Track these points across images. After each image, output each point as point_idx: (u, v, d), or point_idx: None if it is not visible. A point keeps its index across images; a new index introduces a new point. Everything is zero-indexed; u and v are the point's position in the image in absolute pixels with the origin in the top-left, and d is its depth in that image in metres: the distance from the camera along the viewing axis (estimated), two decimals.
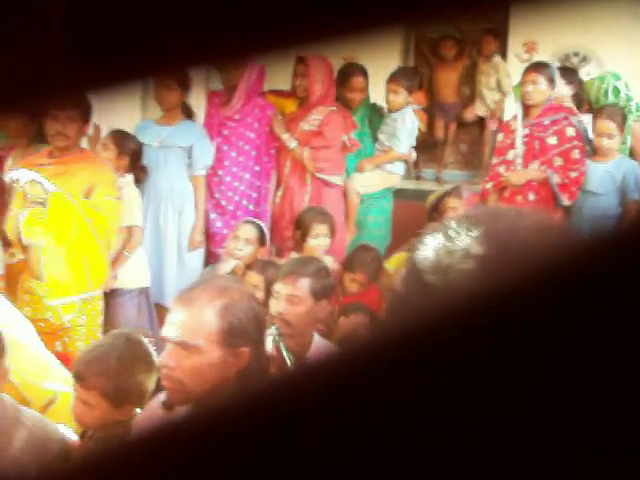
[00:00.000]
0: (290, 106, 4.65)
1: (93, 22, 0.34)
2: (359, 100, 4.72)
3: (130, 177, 3.98)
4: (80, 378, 2.03)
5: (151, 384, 2.08)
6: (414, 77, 4.96)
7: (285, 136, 4.50)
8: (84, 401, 2.02)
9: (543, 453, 0.37)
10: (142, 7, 0.34)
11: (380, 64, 4.96)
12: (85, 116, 3.61)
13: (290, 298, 2.62)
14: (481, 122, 6.61)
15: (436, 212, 4.15)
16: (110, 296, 3.84)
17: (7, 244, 3.65)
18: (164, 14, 0.34)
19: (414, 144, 4.85)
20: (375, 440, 0.36)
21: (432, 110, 6.68)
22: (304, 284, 2.64)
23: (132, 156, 4.00)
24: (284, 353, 2.32)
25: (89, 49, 0.34)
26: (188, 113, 4.43)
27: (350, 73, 4.67)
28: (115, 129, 4.07)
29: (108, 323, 3.71)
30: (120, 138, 3.98)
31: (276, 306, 2.64)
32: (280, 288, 2.67)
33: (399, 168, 4.84)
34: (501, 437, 0.38)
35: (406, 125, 4.70)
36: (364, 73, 4.70)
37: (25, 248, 3.61)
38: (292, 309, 2.61)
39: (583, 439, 0.38)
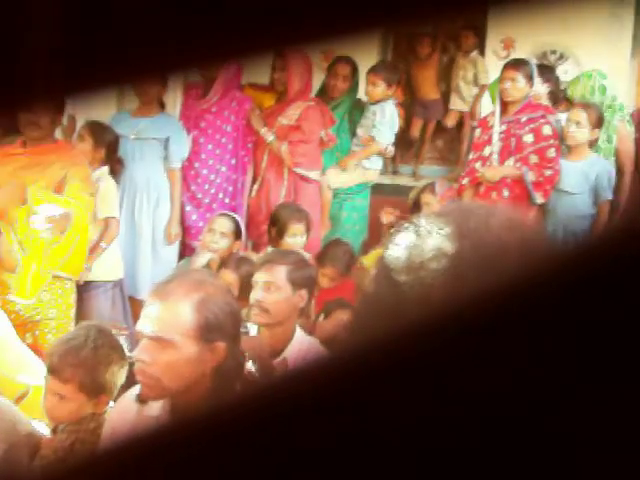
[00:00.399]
0: (269, 100, 4.64)
1: (86, 22, 0.34)
2: (341, 89, 4.70)
3: (106, 169, 3.95)
4: (55, 371, 2.01)
5: (122, 377, 2.07)
6: (393, 71, 4.97)
7: (263, 130, 4.49)
8: (59, 394, 2.00)
9: (539, 452, 0.37)
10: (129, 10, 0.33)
11: (358, 61, 4.96)
12: (59, 106, 3.57)
13: (267, 285, 2.63)
14: (459, 118, 6.63)
15: (417, 208, 4.17)
16: (83, 289, 3.81)
17: None
18: (151, 17, 0.34)
19: (393, 139, 4.85)
20: (357, 444, 0.37)
21: (412, 107, 6.68)
22: (281, 271, 2.65)
23: (108, 148, 3.96)
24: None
25: (79, 50, 0.34)
26: (161, 105, 4.41)
27: (336, 60, 4.69)
28: (91, 120, 4.04)
29: (80, 316, 3.68)
30: (96, 129, 3.95)
31: (254, 294, 2.65)
32: (258, 277, 2.68)
33: (376, 164, 4.84)
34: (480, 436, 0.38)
35: (386, 118, 4.70)
36: (351, 63, 4.70)
37: None
38: (269, 296, 2.61)
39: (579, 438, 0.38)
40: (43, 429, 2.10)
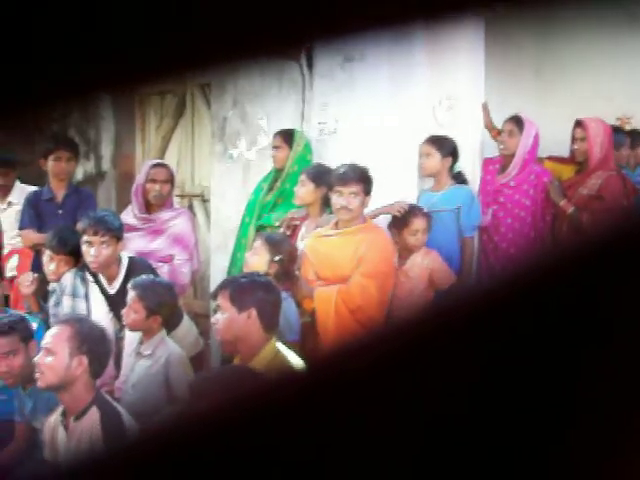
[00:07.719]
0: (568, 172, 4.61)
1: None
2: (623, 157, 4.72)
3: (424, 249, 4.16)
4: None
5: None
6: None
7: (562, 202, 4.45)
8: None
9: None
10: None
11: None
12: (367, 190, 3.89)
13: None
14: None
15: None
16: None
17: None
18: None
19: None
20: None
21: None
22: None
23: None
24: None
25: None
26: (461, 179, 4.53)
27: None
28: (411, 204, 4.28)
29: None
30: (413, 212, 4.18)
31: None
32: None
33: None
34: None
35: None
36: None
37: (313, 311, 3.90)
38: None
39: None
40: None
